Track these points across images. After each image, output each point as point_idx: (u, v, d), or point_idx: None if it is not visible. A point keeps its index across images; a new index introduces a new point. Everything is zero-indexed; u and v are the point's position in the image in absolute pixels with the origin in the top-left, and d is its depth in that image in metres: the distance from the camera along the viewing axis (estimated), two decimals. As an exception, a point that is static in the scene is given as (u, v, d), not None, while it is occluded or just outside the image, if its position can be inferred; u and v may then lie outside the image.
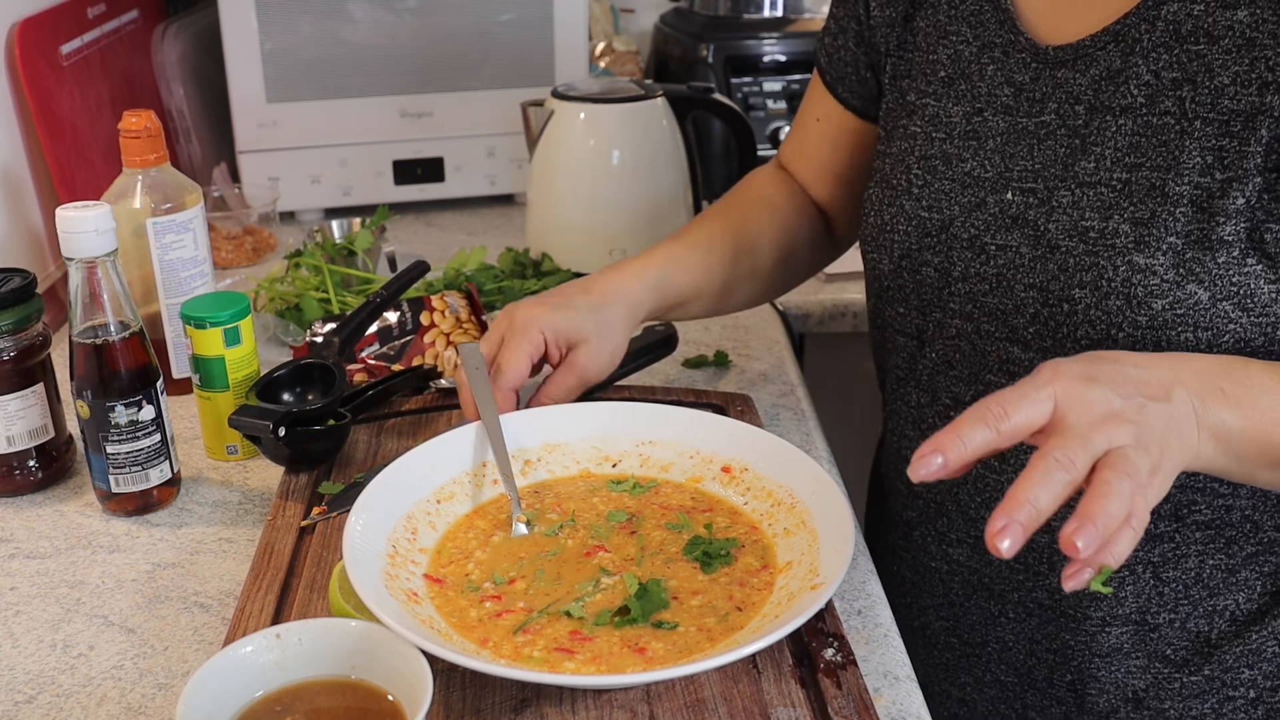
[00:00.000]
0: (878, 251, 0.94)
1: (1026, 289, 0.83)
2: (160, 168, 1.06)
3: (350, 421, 0.96)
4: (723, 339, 1.24)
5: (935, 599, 0.99)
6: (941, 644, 1.00)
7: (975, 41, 0.89)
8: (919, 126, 0.92)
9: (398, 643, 0.65)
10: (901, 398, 0.98)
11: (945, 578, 0.98)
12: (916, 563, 1.00)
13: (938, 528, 0.96)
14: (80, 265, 0.87)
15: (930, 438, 0.62)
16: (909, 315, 0.93)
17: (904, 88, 0.95)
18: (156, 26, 1.57)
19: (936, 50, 0.92)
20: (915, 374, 0.95)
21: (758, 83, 1.65)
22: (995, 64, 0.88)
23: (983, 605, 0.95)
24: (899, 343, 0.96)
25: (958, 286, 0.88)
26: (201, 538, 0.91)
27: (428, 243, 1.53)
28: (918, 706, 0.74)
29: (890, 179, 0.93)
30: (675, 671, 0.65)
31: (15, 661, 0.78)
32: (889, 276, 0.94)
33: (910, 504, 0.99)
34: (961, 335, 0.89)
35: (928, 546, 0.98)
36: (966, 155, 0.88)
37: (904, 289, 0.93)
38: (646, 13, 1.98)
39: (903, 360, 0.96)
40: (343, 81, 1.52)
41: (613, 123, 1.31)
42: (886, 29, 0.97)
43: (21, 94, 1.23)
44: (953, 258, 0.88)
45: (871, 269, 0.97)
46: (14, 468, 0.96)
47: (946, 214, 0.88)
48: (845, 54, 1.03)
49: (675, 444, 0.89)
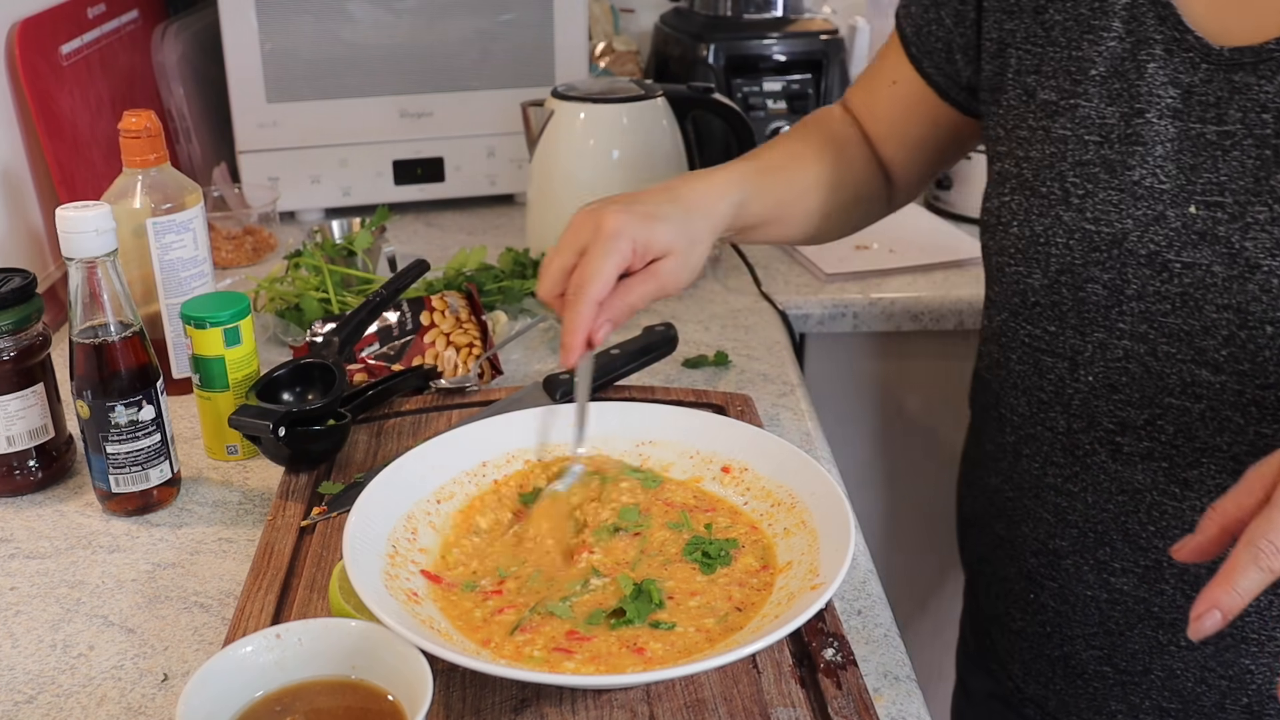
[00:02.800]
0: (1026, 265, 0.87)
1: (1219, 310, 0.78)
2: (160, 168, 1.06)
3: (350, 421, 0.96)
4: (723, 339, 1.24)
5: (1088, 628, 0.93)
6: (1090, 673, 0.94)
7: (1129, 37, 0.83)
8: (1068, 129, 0.85)
9: (398, 643, 0.65)
10: (1043, 422, 0.91)
11: (1104, 606, 0.91)
12: (1066, 591, 0.93)
13: (1098, 556, 0.90)
14: (80, 265, 0.87)
15: (1203, 593, 0.58)
16: (1063, 335, 0.87)
17: (1031, 84, 0.88)
18: (156, 26, 1.57)
19: (1080, 45, 0.85)
20: (1064, 398, 0.88)
21: (758, 83, 1.65)
22: (1156, 62, 0.81)
23: (1148, 634, 0.89)
24: (1044, 364, 0.89)
25: (1131, 305, 0.82)
26: (201, 538, 0.91)
27: (428, 243, 1.53)
28: (918, 706, 0.74)
29: (1036, 186, 0.86)
30: (675, 671, 0.65)
31: (15, 661, 0.78)
32: (1040, 293, 0.87)
33: (1060, 532, 0.92)
34: (1131, 357, 0.83)
35: (1083, 575, 0.91)
36: (1133, 163, 0.82)
37: (1059, 307, 0.86)
38: (646, 13, 1.98)
39: (1048, 383, 0.89)
40: (343, 81, 1.52)
41: (613, 123, 1.31)
42: (1006, 16, 0.90)
43: (21, 94, 1.23)
44: (1126, 275, 0.82)
45: (1014, 284, 0.89)
46: (14, 468, 0.96)
47: (1118, 227, 0.82)
48: (938, 29, 0.98)
49: (675, 444, 0.89)
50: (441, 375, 1.10)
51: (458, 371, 1.11)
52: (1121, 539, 0.88)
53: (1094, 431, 0.87)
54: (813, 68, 1.67)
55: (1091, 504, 0.89)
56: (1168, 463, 0.84)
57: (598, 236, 0.83)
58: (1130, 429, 0.85)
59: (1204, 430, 0.82)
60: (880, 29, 1.92)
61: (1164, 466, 0.84)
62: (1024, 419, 0.93)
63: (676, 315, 1.29)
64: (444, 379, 1.09)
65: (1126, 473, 0.86)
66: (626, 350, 1.08)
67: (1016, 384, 0.93)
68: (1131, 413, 0.85)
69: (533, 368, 1.17)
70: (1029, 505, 0.95)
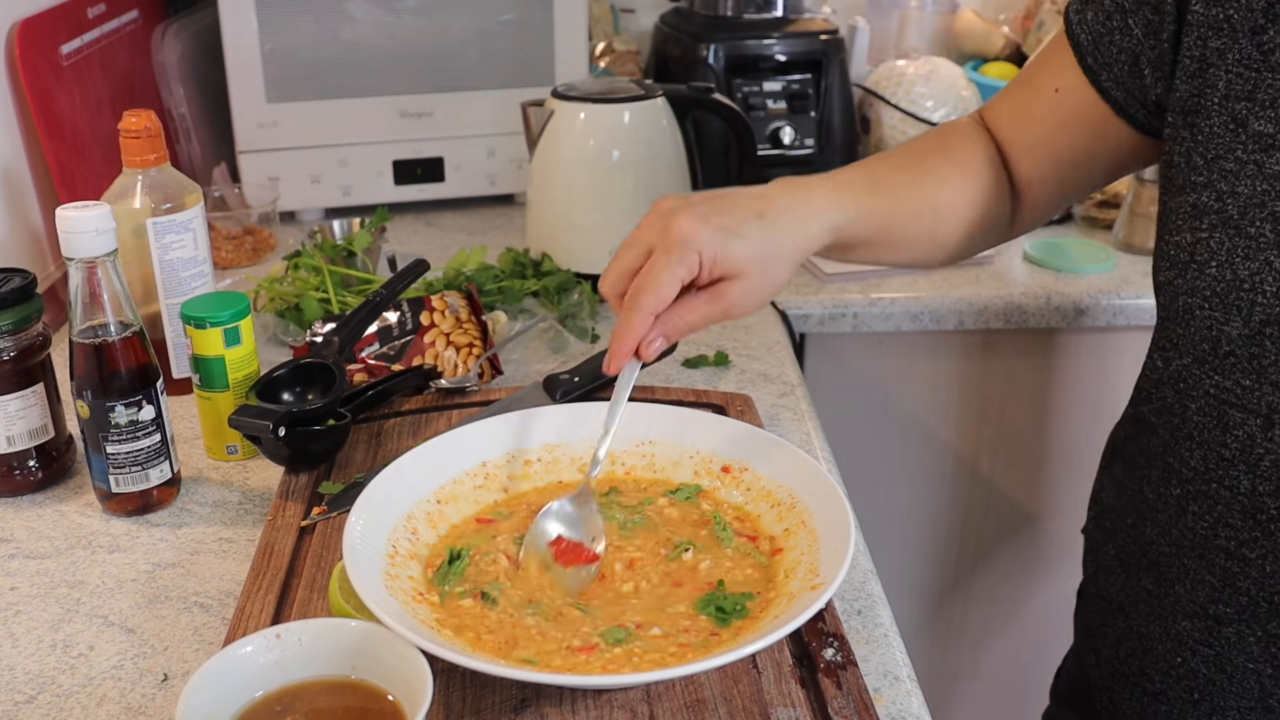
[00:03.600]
0: (1224, 311, 0.80)
1: None
2: (160, 168, 1.06)
3: (350, 421, 0.96)
4: (723, 339, 1.24)
5: (1245, 701, 0.86)
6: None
7: None
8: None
9: (398, 643, 0.65)
10: (1222, 480, 0.83)
11: (1267, 681, 0.85)
12: (1223, 660, 0.87)
13: (1269, 629, 0.83)
14: (80, 265, 0.87)
15: None
16: (1259, 390, 0.80)
17: (1242, 112, 0.79)
18: (156, 26, 1.57)
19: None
20: (1252, 458, 0.81)
21: (758, 83, 1.65)
22: None
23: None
24: (1231, 418, 0.82)
25: None
26: (201, 538, 0.91)
27: (428, 243, 1.53)
28: (918, 706, 0.74)
29: (1243, 225, 0.79)
30: (675, 671, 0.65)
31: (15, 661, 0.78)
32: (1236, 342, 0.80)
33: (1225, 598, 0.85)
34: None
35: (1248, 647, 0.85)
36: None
37: (1259, 360, 0.79)
38: (646, 13, 1.98)
39: (1233, 439, 0.82)
40: (343, 81, 1.52)
41: (613, 123, 1.31)
42: (1214, 33, 0.81)
43: (21, 94, 1.23)
44: None
45: (1207, 330, 0.82)
46: (14, 468, 0.96)
47: None
48: (1123, 39, 0.88)
49: (675, 444, 0.89)
50: (441, 375, 1.10)
51: (458, 371, 1.11)
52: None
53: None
54: (813, 68, 1.67)
55: (1270, 573, 0.82)
56: None
57: (665, 242, 0.77)
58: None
59: None
60: (880, 29, 1.92)
61: None
62: (1197, 474, 0.86)
63: (676, 315, 1.28)
64: (444, 379, 1.09)
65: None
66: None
67: (1193, 435, 0.85)
68: None
69: (533, 368, 1.17)
70: (1189, 565, 0.88)
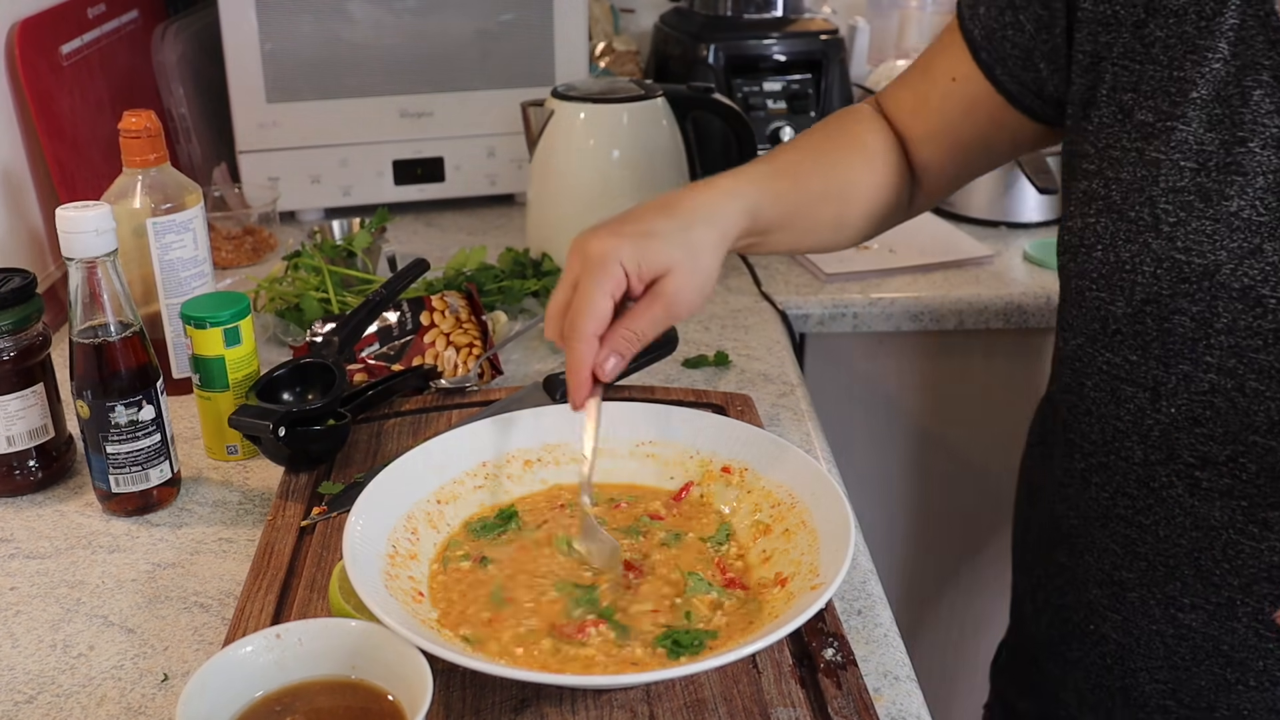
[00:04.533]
0: (1109, 292, 0.84)
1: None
2: (160, 168, 1.06)
3: (350, 421, 0.96)
4: (723, 339, 1.24)
5: (1153, 662, 0.90)
6: (1153, 706, 0.91)
7: (1235, 60, 0.78)
8: (1162, 153, 0.81)
9: (398, 643, 0.65)
10: (1118, 452, 0.88)
11: (1170, 642, 0.88)
12: (1129, 625, 0.91)
13: (1167, 591, 0.87)
14: (80, 265, 0.87)
15: None
16: (1144, 365, 0.83)
17: (1127, 102, 0.83)
18: (156, 26, 1.57)
19: (1183, 66, 0.80)
20: (1143, 428, 0.85)
21: (758, 83, 1.65)
22: (1263, 89, 0.77)
23: (1215, 671, 0.86)
24: (1123, 392, 0.86)
25: (1220, 339, 0.79)
26: (201, 538, 0.91)
27: (428, 243, 1.53)
28: (918, 706, 0.74)
29: (1125, 210, 0.82)
30: (675, 671, 0.65)
31: (15, 661, 0.78)
32: (1121, 320, 0.84)
33: (1128, 564, 0.89)
34: (1217, 391, 0.80)
35: (1150, 610, 0.89)
36: (1231, 192, 0.78)
37: (1143, 336, 0.83)
38: (646, 13, 1.98)
39: (1126, 413, 0.86)
40: (343, 81, 1.52)
41: (613, 123, 1.31)
42: (1101, 28, 0.85)
43: (21, 94, 1.23)
44: (1217, 308, 0.78)
45: (1095, 310, 0.86)
46: (14, 468, 0.96)
47: (1210, 259, 0.78)
48: (1016, 34, 0.91)
49: (675, 444, 0.89)
50: (441, 375, 1.10)
51: (458, 371, 1.11)
52: (1193, 575, 0.85)
53: (1172, 464, 0.84)
54: (813, 68, 1.67)
55: (1163, 538, 0.86)
56: (1247, 501, 0.81)
57: (586, 266, 0.78)
58: (1211, 464, 0.82)
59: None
60: (880, 29, 1.92)
61: (1243, 505, 0.82)
62: (1097, 447, 0.90)
63: (676, 315, 1.28)
64: (444, 379, 1.09)
65: (1203, 508, 0.83)
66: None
67: (1091, 410, 0.89)
68: (1213, 448, 0.82)
69: (533, 368, 1.17)
70: (1095, 535, 0.92)
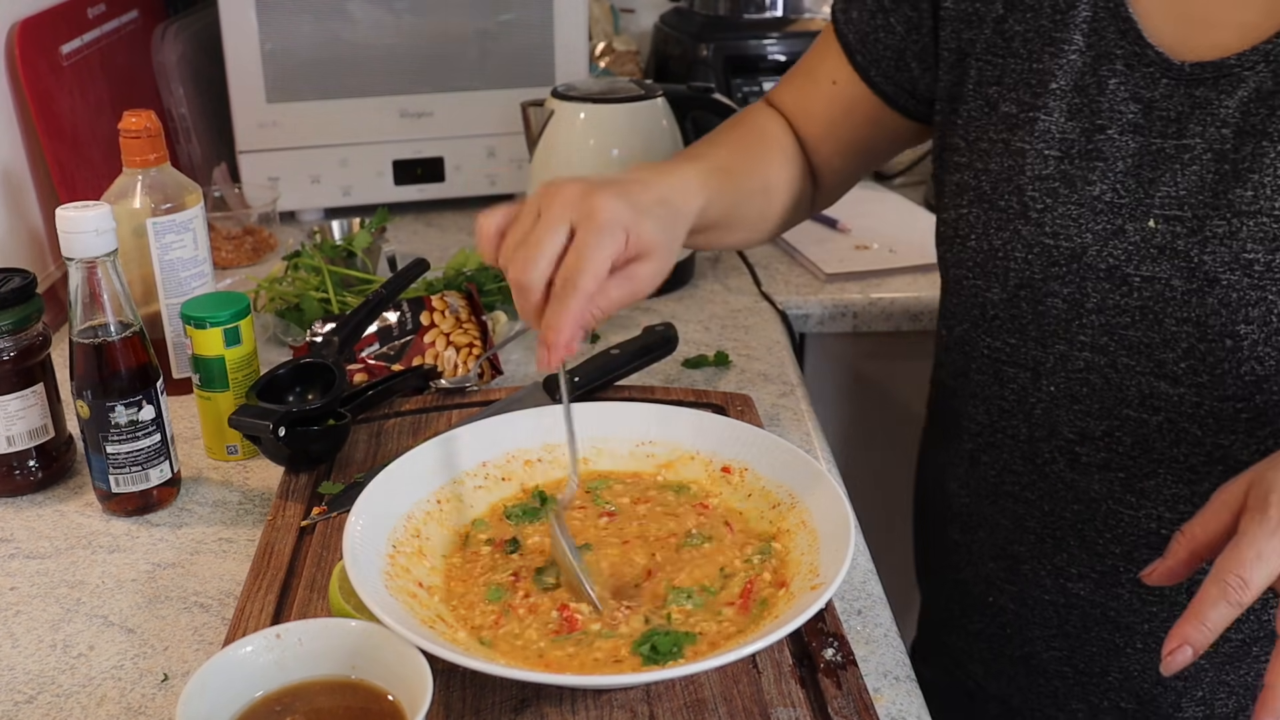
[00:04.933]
0: (985, 279, 0.87)
1: (1179, 323, 0.79)
2: (160, 168, 1.06)
3: (350, 421, 0.96)
4: (723, 339, 1.24)
5: (1046, 630, 0.94)
6: (1051, 673, 0.96)
7: (1090, 51, 0.83)
8: (1027, 143, 0.84)
9: (398, 643, 0.65)
10: (1004, 430, 0.92)
11: (1061, 610, 0.93)
12: (1024, 596, 0.95)
13: (1055, 562, 0.91)
14: (80, 265, 0.87)
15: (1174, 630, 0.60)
16: (1023, 347, 0.87)
17: (993, 95, 0.87)
18: (156, 26, 1.57)
19: (1041, 58, 0.84)
20: (1025, 407, 0.89)
21: (758, 83, 1.65)
22: (1117, 78, 0.81)
23: (1105, 637, 0.91)
24: (1006, 374, 0.90)
25: (1091, 319, 0.83)
26: (201, 538, 0.91)
27: (428, 243, 1.53)
28: (918, 707, 0.74)
29: (995, 200, 0.86)
30: (675, 671, 0.65)
31: (15, 661, 0.78)
32: (999, 306, 0.87)
33: (1018, 538, 0.94)
34: (1092, 369, 0.84)
35: (1041, 580, 0.93)
36: (1094, 178, 0.82)
37: (1019, 320, 0.87)
38: (646, 13, 1.98)
39: (1010, 393, 0.90)
40: (343, 81, 1.52)
41: (613, 123, 1.31)
42: (964, 25, 0.89)
43: (21, 94, 1.23)
44: (1086, 288, 0.82)
45: (974, 297, 0.90)
46: (14, 468, 0.96)
47: (1077, 242, 0.82)
48: (888, 37, 0.95)
49: (675, 444, 0.89)
50: (441, 375, 1.10)
51: (458, 371, 1.11)
52: (1079, 545, 0.89)
53: (1054, 441, 0.88)
54: (813, 68, 1.66)
55: (1049, 511, 0.90)
56: (1124, 473, 0.85)
57: (591, 223, 0.72)
58: (1089, 439, 0.86)
59: (1161, 442, 0.83)
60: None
61: (1121, 476, 0.85)
62: (984, 427, 0.94)
63: (676, 315, 1.29)
64: (444, 379, 1.09)
65: (1084, 482, 0.87)
66: (626, 350, 1.08)
67: (977, 393, 0.93)
68: (1091, 423, 0.85)
69: (532, 368, 1.17)
70: (987, 511, 0.96)
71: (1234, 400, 0.79)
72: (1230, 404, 0.79)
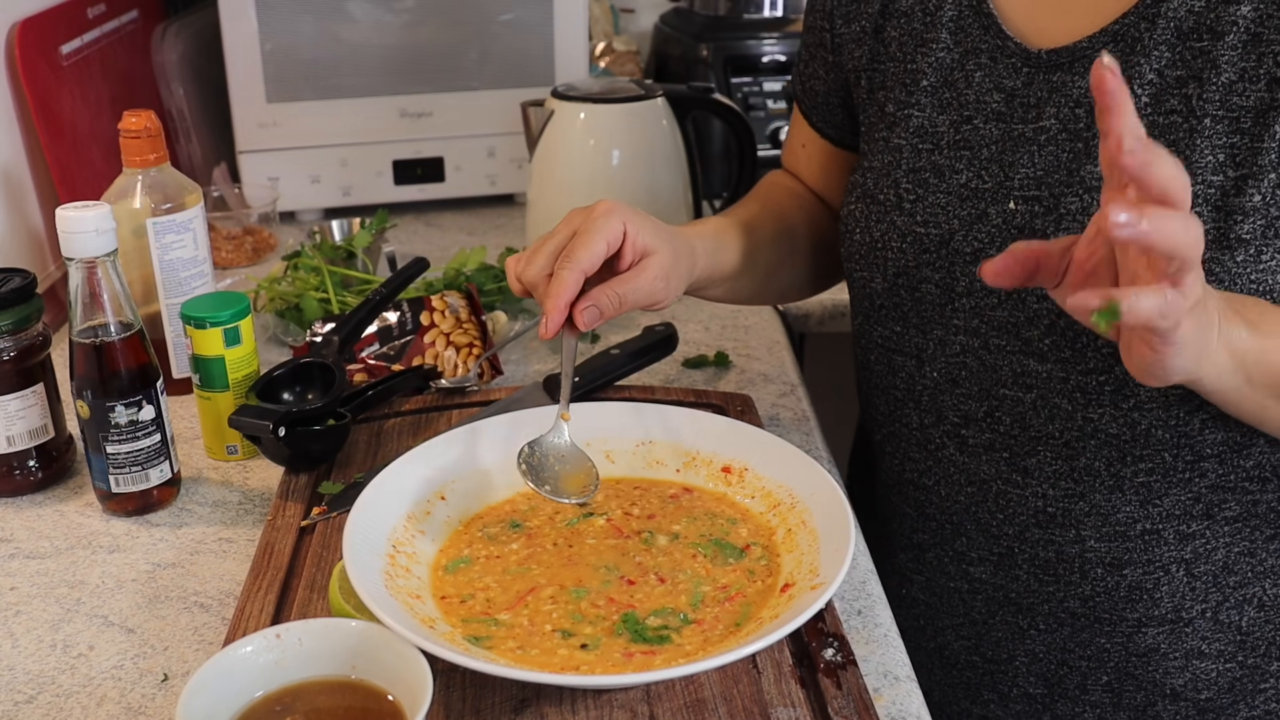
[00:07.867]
0: (868, 270, 0.92)
1: (1040, 300, 0.82)
2: (160, 168, 1.06)
3: (350, 421, 0.96)
4: (723, 339, 1.24)
5: (954, 619, 0.97)
6: (962, 663, 0.98)
7: (957, 48, 0.87)
8: (903, 139, 0.89)
9: (398, 643, 0.65)
10: (901, 419, 0.95)
11: (966, 597, 0.95)
12: (931, 584, 0.98)
13: (956, 548, 0.94)
14: (80, 265, 0.87)
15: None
16: (907, 334, 0.91)
17: (881, 100, 0.92)
18: (156, 26, 1.57)
19: (915, 59, 0.89)
20: (915, 394, 0.92)
21: (758, 83, 1.65)
22: (983, 70, 0.85)
23: (1009, 620, 0.93)
24: (895, 362, 0.93)
25: (962, 302, 0.86)
26: (201, 538, 0.91)
27: (428, 243, 1.53)
28: (917, 707, 0.74)
29: (875, 194, 0.90)
30: (675, 671, 0.65)
31: (15, 661, 0.78)
32: (882, 295, 0.91)
33: (922, 526, 0.96)
34: (968, 351, 0.87)
35: (945, 567, 0.96)
36: (960, 166, 0.86)
37: (900, 307, 0.90)
38: (646, 13, 1.98)
39: (900, 381, 0.93)
40: (343, 81, 1.52)
41: (613, 123, 1.31)
42: (854, 45, 0.95)
43: (21, 94, 1.23)
44: (955, 273, 0.86)
45: (861, 288, 0.94)
46: (14, 468, 0.96)
47: (945, 228, 0.86)
48: (817, 84, 1.02)
49: (675, 444, 0.89)
50: (441, 375, 1.10)
51: (458, 371, 1.11)
52: (975, 529, 0.92)
53: (942, 425, 0.91)
54: (813, 68, 1.66)
55: (945, 496, 0.93)
56: (1008, 452, 0.87)
57: (590, 217, 0.80)
58: (972, 421, 0.88)
59: (1037, 419, 0.85)
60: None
61: (1005, 456, 0.88)
62: (885, 417, 0.97)
63: (676, 315, 1.29)
64: (444, 379, 1.09)
65: (973, 464, 0.90)
66: (626, 350, 1.08)
67: (876, 384, 0.97)
68: (972, 405, 0.88)
69: (533, 368, 1.17)
70: (894, 502, 0.99)
71: (1096, 373, 0.82)
72: (1093, 377, 0.82)
